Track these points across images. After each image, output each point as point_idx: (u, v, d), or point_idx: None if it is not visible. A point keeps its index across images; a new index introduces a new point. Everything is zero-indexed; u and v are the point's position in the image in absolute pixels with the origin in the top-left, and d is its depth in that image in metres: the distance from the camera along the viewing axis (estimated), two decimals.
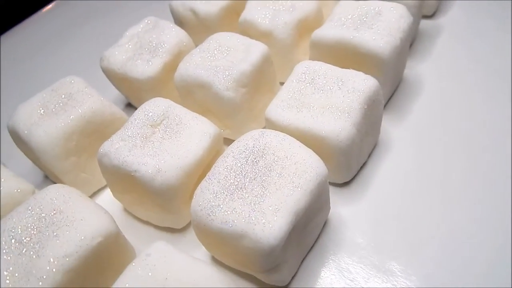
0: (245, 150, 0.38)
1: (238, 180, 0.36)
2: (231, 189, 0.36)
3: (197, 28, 0.61)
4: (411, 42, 0.63)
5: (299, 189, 0.35)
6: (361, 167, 0.48)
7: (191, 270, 0.32)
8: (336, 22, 0.50)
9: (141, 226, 0.47)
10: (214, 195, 0.35)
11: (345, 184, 0.47)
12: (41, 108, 0.46)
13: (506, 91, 0.55)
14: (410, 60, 0.61)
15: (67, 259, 0.33)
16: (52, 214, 0.36)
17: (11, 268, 0.32)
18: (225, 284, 0.31)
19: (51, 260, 0.32)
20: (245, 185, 0.36)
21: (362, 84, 0.43)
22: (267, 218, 0.33)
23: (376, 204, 0.45)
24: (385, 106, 0.54)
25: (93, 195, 0.50)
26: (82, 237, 0.34)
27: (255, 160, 0.37)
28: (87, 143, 0.47)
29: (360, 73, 0.44)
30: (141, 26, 0.56)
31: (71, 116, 0.45)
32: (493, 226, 0.42)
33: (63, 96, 0.48)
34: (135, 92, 0.55)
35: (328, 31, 0.49)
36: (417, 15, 0.56)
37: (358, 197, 0.46)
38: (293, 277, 0.40)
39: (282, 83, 0.59)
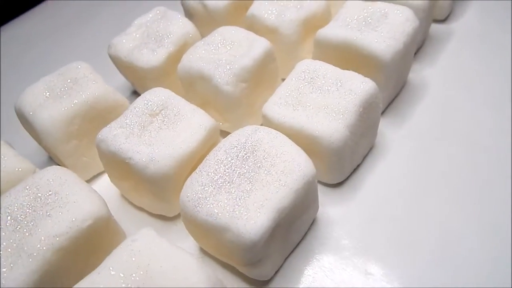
0: (237, 145, 0.39)
1: (227, 174, 0.37)
2: (219, 182, 0.36)
3: (205, 20, 0.61)
4: (420, 45, 0.62)
5: (285, 187, 0.36)
6: (355, 169, 0.49)
7: (173, 259, 0.33)
8: (341, 22, 0.50)
9: (135, 211, 0.48)
10: (202, 187, 0.36)
11: (337, 184, 0.47)
12: (47, 91, 0.48)
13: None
14: (417, 63, 0.60)
15: (58, 238, 0.34)
16: (47, 194, 0.37)
17: (4, 243, 0.34)
18: (204, 274, 0.32)
19: (43, 238, 0.34)
20: (233, 179, 0.36)
21: (359, 86, 0.43)
22: (250, 214, 0.34)
23: (366, 207, 0.46)
24: (386, 109, 0.54)
25: (92, 179, 0.52)
26: (73, 219, 0.35)
27: (245, 155, 0.38)
28: (89, 128, 0.48)
29: (359, 76, 0.44)
30: (150, 15, 0.57)
31: (75, 101, 0.47)
32: (484, 232, 0.42)
33: (68, 80, 0.49)
34: (140, 80, 0.56)
35: (332, 31, 0.49)
36: (425, 19, 0.55)
37: (348, 198, 0.46)
38: (276, 273, 0.41)
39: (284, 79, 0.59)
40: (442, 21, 0.67)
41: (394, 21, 0.48)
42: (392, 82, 0.50)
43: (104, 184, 0.50)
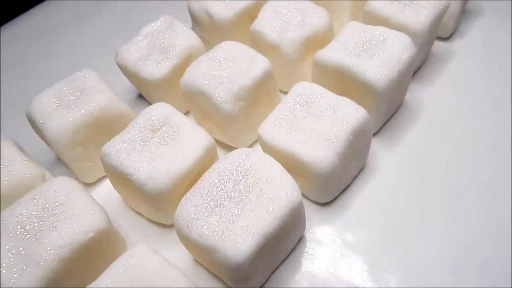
0: (230, 169, 0.42)
1: (219, 197, 0.40)
2: (211, 205, 0.39)
3: (211, 28, 0.63)
4: (421, 64, 0.63)
5: (272, 213, 0.38)
6: (345, 188, 0.51)
7: (166, 276, 0.36)
8: (340, 45, 0.52)
9: (135, 216, 0.51)
10: (195, 208, 0.39)
11: (326, 203, 0.50)
12: (56, 100, 0.51)
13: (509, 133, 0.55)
14: (416, 83, 0.61)
15: (62, 249, 0.38)
16: (54, 205, 0.40)
17: (14, 251, 0.37)
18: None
19: (48, 248, 0.38)
20: (224, 203, 0.39)
21: (351, 114, 0.45)
22: (237, 238, 0.37)
23: (351, 226, 0.48)
24: (379, 130, 0.56)
25: (96, 182, 0.55)
26: (77, 232, 0.39)
27: (237, 179, 0.41)
28: (94, 136, 0.51)
29: (352, 103, 0.46)
30: (157, 24, 0.59)
31: (82, 111, 0.49)
32: (476, 259, 0.45)
33: (77, 89, 0.52)
34: (145, 89, 0.58)
35: (330, 55, 0.51)
36: (425, 43, 0.56)
37: (335, 216, 0.49)
38: (262, 286, 0.44)
39: (285, 92, 0.61)
40: (446, 38, 0.67)
41: (392, 48, 0.49)
42: (385, 107, 0.52)
43: (107, 188, 0.53)
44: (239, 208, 0.39)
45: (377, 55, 0.49)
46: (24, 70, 0.74)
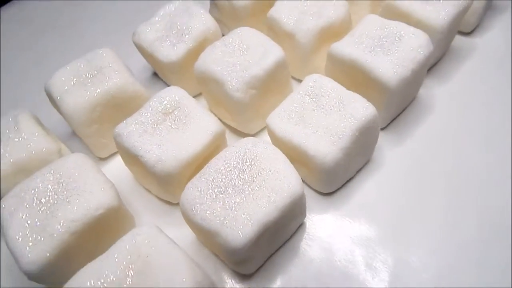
0: (236, 157, 0.43)
1: (223, 184, 0.41)
2: (216, 191, 0.41)
3: (229, 13, 0.63)
4: (439, 59, 0.62)
5: (272, 204, 0.40)
6: (348, 180, 0.52)
7: (170, 255, 0.38)
8: (356, 39, 0.51)
9: (145, 192, 0.54)
10: (200, 193, 0.41)
11: (328, 193, 0.51)
12: (74, 77, 0.52)
13: None
14: (432, 79, 0.61)
15: (74, 223, 0.40)
16: (68, 181, 0.43)
17: (29, 221, 0.40)
18: (194, 274, 0.37)
19: (62, 221, 0.40)
20: (227, 190, 0.41)
21: (360, 111, 0.45)
22: (238, 224, 0.39)
23: (351, 216, 0.50)
24: (388, 124, 0.56)
25: (110, 157, 0.57)
26: (88, 208, 0.41)
27: (242, 168, 0.42)
28: (109, 114, 0.53)
29: (362, 100, 0.46)
30: (175, 5, 0.59)
31: (98, 90, 0.51)
32: (477, 257, 0.46)
33: (94, 68, 0.53)
34: (160, 69, 0.60)
35: (345, 49, 0.50)
36: (444, 39, 0.55)
37: (335, 207, 0.50)
38: (259, 268, 0.46)
39: (300, 80, 0.62)
40: (467, 33, 0.66)
41: (407, 46, 0.49)
42: (396, 103, 0.52)
43: (119, 164, 0.55)
44: (242, 196, 0.40)
45: (392, 52, 0.49)
46: (46, 45, 0.75)
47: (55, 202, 0.41)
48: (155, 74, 0.67)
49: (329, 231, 0.49)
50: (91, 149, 0.56)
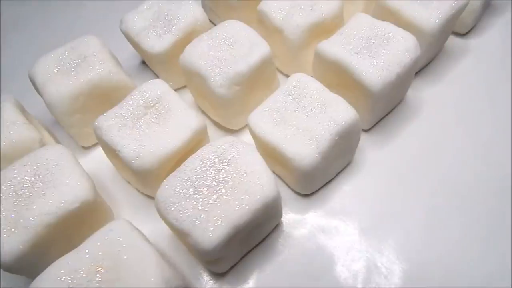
0: (212, 157, 0.43)
1: (198, 184, 0.41)
2: (190, 191, 0.41)
3: (220, 2, 0.61)
4: (430, 60, 0.61)
5: (245, 206, 0.40)
6: (329, 181, 0.52)
7: (140, 252, 0.39)
8: (344, 38, 0.50)
9: (125, 184, 0.54)
10: (174, 192, 0.41)
11: (307, 194, 0.51)
12: (57, 65, 0.52)
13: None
14: (421, 80, 0.60)
15: (48, 216, 0.41)
16: (45, 173, 0.43)
17: (5, 214, 0.40)
18: (162, 272, 0.38)
19: (36, 214, 0.40)
20: (202, 190, 0.41)
21: (341, 115, 0.45)
22: (209, 226, 0.39)
23: (328, 217, 0.50)
24: (373, 126, 0.56)
25: (93, 146, 0.57)
26: (63, 201, 0.41)
27: (218, 168, 0.42)
28: (92, 104, 0.52)
29: (344, 103, 0.46)
30: None
31: (81, 80, 0.50)
32: (454, 261, 0.47)
33: (78, 56, 0.52)
34: (147, 59, 0.59)
35: (331, 48, 0.50)
36: (436, 42, 0.54)
37: (313, 207, 0.51)
38: (233, 266, 0.47)
39: (287, 75, 0.61)
40: (463, 34, 0.64)
41: (394, 49, 0.48)
42: (381, 106, 0.51)
43: (102, 154, 0.55)
44: (216, 197, 0.41)
45: (379, 54, 0.48)
46: (35, 29, 0.73)
47: (31, 194, 0.42)
48: (143, 62, 0.66)
49: (305, 232, 0.49)
50: (74, 138, 0.56)
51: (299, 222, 0.50)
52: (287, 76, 0.61)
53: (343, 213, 0.50)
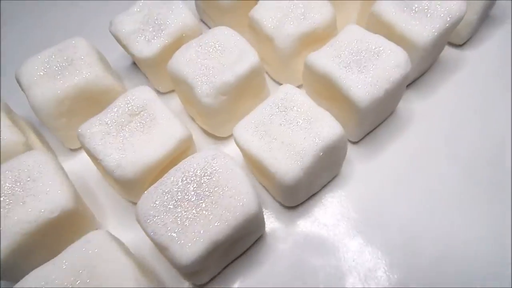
0: (194, 170, 0.43)
1: (178, 197, 0.41)
2: (170, 204, 0.41)
3: (213, 5, 0.60)
4: (424, 72, 0.60)
5: (224, 222, 0.40)
6: (315, 193, 0.52)
7: (116, 264, 0.39)
8: (334, 50, 0.50)
9: (110, 188, 0.54)
10: (154, 205, 0.41)
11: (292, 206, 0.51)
12: (43, 68, 0.51)
13: (503, 163, 0.53)
14: (413, 92, 0.59)
15: (27, 224, 0.41)
16: (26, 180, 0.43)
17: None
18: (137, 281, 0.38)
19: (15, 221, 0.40)
20: (181, 204, 0.41)
21: (326, 131, 0.44)
22: (187, 241, 0.39)
23: (312, 230, 0.50)
24: (362, 139, 0.55)
25: (79, 149, 0.57)
26: (42, 210, 0.41)
27: (199, 182, 0.42)
28: (78, 107, 0.52)
29: (330, 119, 0.45)
30: None
31: (67, 84, 0.50)
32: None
33: (65, 59, 0.52)
34: (137, 62, 0.58)
35: (320, 61, 0.49)
36: (427, 57, 0.53)
37: (298, 219, 0.50)
38: (215, 277, 0.47)
39: (279, 83, 0.60)
40: (459, 45, 0.63)
41: (384, 64, 0.47)
42: (369, 120, 0.51)
43: (87, 157, 0.55)
44: (195, 212, 0.40)
45: (368, 69, 0.47)
46: (25, 28, 0.72)
47: (11, 201, 0.42)
48: (134, 63, 0.65)
49: (289, 244, 0.49)
50: (61, 141, 0.55)
51: (283, 233, 0.50)
52: (279, 83, 0.60)
53: (328, 225, 0.50)
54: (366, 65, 0.47)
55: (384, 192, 0.52)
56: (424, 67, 0.57)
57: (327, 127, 0.45)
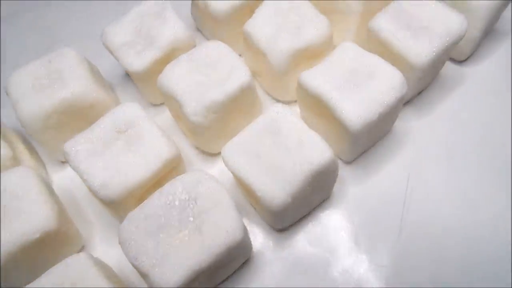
0: (179, 194, 0.42)
1: (161, 222, 0.40)
2: (152, 229, 0.40)
3: (207, 16, 0.59)
4: (422, 90, 0.58)
5: (208, 250, 0.39)
6: (305, 215, 0.51)
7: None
8: (327, 69, 0.48)
9: (98, 204, 0.53)
10: (137, 229, 0.40)
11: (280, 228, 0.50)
12: (32, 81, 0.50)
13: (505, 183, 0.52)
14: (411, 109, 0.57)
15: (9, 244, 0.40)
16: (9, 199, 0.42)
17: None
18: None
19: None
20: (165, 229, 0.40)
21: (316, 156, 0.43)
22: (168, 269, 0.38)
23: (301, 253, 0.49)
24: (355, 159, 0.54)
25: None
26: (24, 231, 0.41)
27: (183, 206, 0.41)
28: (66, 121, 0.51)
29: (320, 143, 0.44)
30: (148, 6, 0.55)
31: (54, 98, 0.49)
32: None
33: (53, 72, 0.51)
34: (128, 73, 0.57)
35: (313, 80, 0.47)
36: (424, 78, 0.52)
37: (286, 242, 0.50)
38: None
39: (274, 98, 0.59)
40: (460, 61, 0.61)
41: (378, 86, 0.46)
42: (362, 142, 0.49)
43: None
44: (178, 238, 0.40)
45: (361, 90, 0.46)
46: (17, 37, 0.71)
47: None
48: (126, 74, 0.64)
49: (277, 267, 0.48)
50: (49, 154, 0.55)
51: (271, 256, 0.49)
52: (273, 97, 0.59)
53: (317, 247, 0.49)
54: (360, 86, 0.46)
55: (377, 214, 0.51)
56: (423, 85, 0.56)
57: (317, 152, 0.43)
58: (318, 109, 0.49)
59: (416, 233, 0.50)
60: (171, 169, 0.48)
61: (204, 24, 0.62)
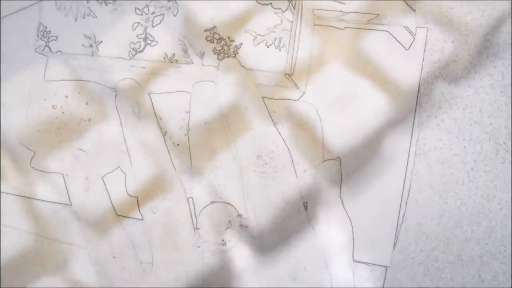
0: None
1: None
2: None
3: None
4: (414, 108, 0.57)
5: None
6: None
7: None
8: (315, 89, 0.47)
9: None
10: None
11: None
12: (15, 93, 0.50)
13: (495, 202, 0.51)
14: (400, 129, 0.56)
15: None
16: None
17: None
18: None
19: None
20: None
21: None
22: None
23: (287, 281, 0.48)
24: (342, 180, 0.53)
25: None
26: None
27: None
28: (50, 135, 0.51)
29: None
30: None
31: (37, 113, 0.49)
32: None
33: (38, 83, 0.50)
34: None
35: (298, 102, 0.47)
36: (415, 97, 0.51)
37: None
38: None
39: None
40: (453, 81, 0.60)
41: (364, 109, 0.45)
42: (349, 166, 0.49)
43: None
44: None
45: (346, 114, 0.45)
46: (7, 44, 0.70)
47: None
48: None
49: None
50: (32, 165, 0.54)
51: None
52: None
53: (304, 274, 0.48)
54: (344, 110, 0.45)
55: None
56: (412, 106, 0.54)
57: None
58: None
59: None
60: (153, 188, 0.47)
61: None
